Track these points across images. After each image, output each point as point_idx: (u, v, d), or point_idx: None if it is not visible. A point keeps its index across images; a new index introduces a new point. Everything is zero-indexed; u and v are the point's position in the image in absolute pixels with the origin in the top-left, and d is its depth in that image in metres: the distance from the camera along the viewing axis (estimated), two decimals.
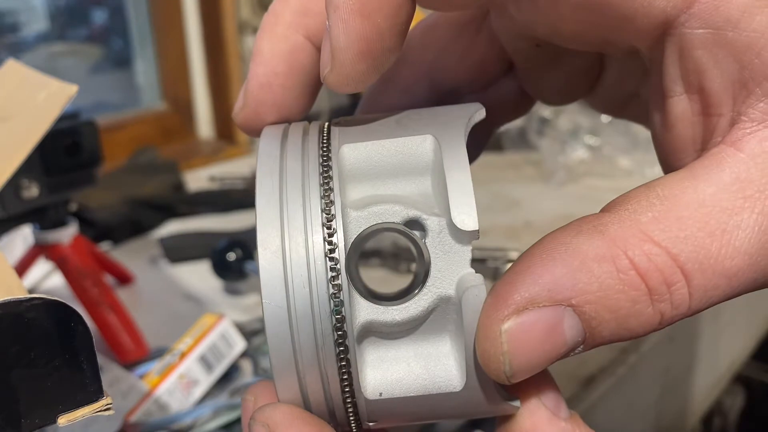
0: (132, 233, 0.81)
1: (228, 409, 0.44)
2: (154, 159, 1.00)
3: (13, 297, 0.21)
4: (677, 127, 0.21)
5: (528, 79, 0.27)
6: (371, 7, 0.20)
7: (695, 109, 0.20)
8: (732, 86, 0.19)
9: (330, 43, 0.20)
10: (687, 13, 0.19)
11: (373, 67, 0.20)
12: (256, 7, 1.15)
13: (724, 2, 0.18)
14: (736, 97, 0.19)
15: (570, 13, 0.21)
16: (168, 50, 1.16)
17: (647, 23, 0.19)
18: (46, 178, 0.53)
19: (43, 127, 0.33)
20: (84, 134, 0.55)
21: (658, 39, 0.20)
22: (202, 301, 0.65)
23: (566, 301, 0.18)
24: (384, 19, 0.20)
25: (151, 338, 0.56)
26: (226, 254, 0.64)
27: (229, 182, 0.96)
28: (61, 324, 0.22)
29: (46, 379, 0.22)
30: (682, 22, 0.19)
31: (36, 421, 0.22)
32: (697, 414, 0.90)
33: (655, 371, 0.72)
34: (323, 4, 0.21)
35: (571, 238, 0.18)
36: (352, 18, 0.19)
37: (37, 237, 0.56)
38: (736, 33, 0.18)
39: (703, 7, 0.18)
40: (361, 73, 0.20)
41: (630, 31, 0.20)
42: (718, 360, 0.94)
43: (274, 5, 0.24)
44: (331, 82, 0.20)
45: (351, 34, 0.19)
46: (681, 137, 0.21)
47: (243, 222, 0.80)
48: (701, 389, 0.90)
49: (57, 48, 1.14)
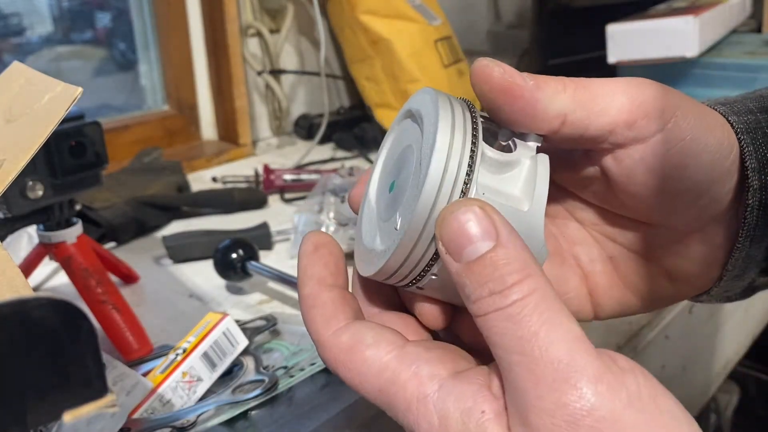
0: (136, 233, 0.82)
1: (231, 406, 0.45)
2: (158, 160, 1.00)
3: (19, 296, 0.22)
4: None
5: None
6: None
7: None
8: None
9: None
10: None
11: None
12: (258, 11, 1.15)
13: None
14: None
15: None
16: (172, 53, 1.16)
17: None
18: (50, 178, 0.53)
19: (48, 128, 0.34)
20: (89, 135, 0.55)
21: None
22: (205, 300, 0.66)
23: None
24: None
25: (155, 336, 0.56)
26: (229, 254, 0.65)
27: (231, 183, 0.97)
28: (67, 322, 0.22)
29: (52, 377, 0.22)
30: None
31: (41, 418, 0.22)
32: (692, 411, 0.90)
33: (651, 369, 0.72)
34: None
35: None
36: None
37: (42, 237, 0.57)
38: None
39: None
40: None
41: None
42: (713, 358, 0.94)
43: None
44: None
45: None
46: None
47: (246, 222, 0.80)
48: (696, 387, 0.90)
49: (62, 50, 1.15)
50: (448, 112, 0.25)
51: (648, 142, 0.28)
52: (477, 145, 0.25)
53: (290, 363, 0.50)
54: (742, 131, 0.30)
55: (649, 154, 0.28)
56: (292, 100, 1.24)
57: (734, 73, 1.09)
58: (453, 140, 0.25)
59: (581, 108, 0.27)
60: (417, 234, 0.25)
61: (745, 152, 0.30)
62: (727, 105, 0.32)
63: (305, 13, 1.19)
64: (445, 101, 0.26)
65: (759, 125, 0.31)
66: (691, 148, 0.28)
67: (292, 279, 0.61)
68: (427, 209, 0.24)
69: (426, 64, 1.11)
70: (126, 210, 0.81)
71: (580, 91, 0.27)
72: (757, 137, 0.30)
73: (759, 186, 0.30)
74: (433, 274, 0.26)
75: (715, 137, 0.29)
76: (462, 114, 0.26)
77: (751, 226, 0.31)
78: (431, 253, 0.25)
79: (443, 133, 0.25)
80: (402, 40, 1.10)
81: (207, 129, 1.18)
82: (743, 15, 1.30)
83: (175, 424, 0.43)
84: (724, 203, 0.31)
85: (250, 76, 1.17)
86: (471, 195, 0.25)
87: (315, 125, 1.18)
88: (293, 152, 1.14)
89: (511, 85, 0.26)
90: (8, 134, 0.35)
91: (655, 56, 1.06)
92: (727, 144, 0.29)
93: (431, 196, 0.24)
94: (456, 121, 0.25)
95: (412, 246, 0.25)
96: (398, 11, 1.11)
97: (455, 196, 0.24)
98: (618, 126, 0.27)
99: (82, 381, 0.23)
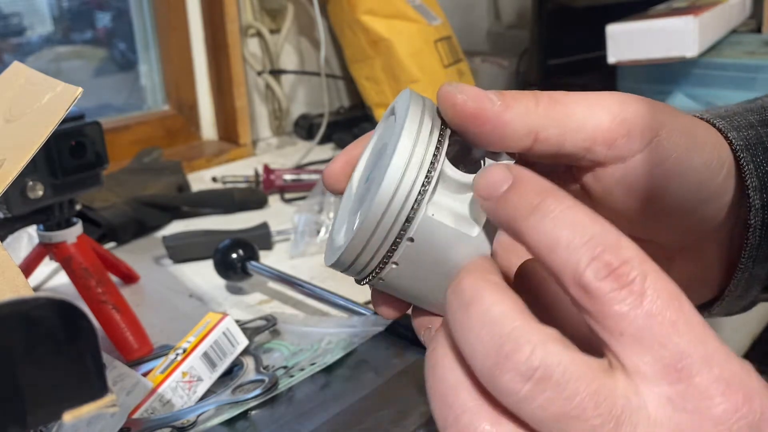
0: (136, 233, 0.82)
1: (231, 406, 0.45)
2: (158, 160, 1.00)
3: (19, 296, 0.22)
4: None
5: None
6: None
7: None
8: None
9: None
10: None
11: None
12: (258, 11, 1.16)
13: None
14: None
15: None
16: (172, 53, 1.16)
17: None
18: (51, 178, 0.53)
19: (48, 128, 0.34)
20: (89, 135, 0.55)
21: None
22: (205, 300, 0.66)
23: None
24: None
25: (155, 336, 0.56)
26: (229, 254, 0.65)
27: (231, 183, 0.97)
28: (67, 322, 0.22)
29: (52, 377, 0.22)
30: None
31: (41, 418, 0.22)
32: None
33: None
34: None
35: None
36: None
37: (42, 237, 0.57)
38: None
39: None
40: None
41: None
42: None
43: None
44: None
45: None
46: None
47: (246, 222, 0.81)
48: None
49: (62, 50, 1.15)
50: (415, 123, 0.26)
51: (629, 162, 0.27)
52: (438, 159, 0.25)
53: (290, 363, 0.50)
54: (742, 148, 0.29)
55: (630, 173, 0.27)
56: (292, 100, 1.24)
57: (734, 73, 1.09)
58: (414, 150, 0.25)
59: (554, 125, 0.26)
60: (369, 232, 0.26)
61: (745, 170, 0.29)
62: (726, 119, 0.30)
63: (305, 13, 1.19)
64: (417, 109, 0.26)
65: (760, 140, 0.29)
66: (675, 168, 0.27)
67: (292, 279, 0.61)
68: (379, 212, 0.25)
69: (426, 64, 1.11)
70: (126, 210, 0.81)
71: (554, 107, 0.26)
72: (757, 153, 0.29)
73: (761, 205, 0.29)
74: (394, 263, 0.26)
75: (702, 157, 0.28)
76: (431, 124, 0.26)
77: (753, 247, 0.30)
78: (388, 245, 0.26)
79: (405, 140, 0.25)
80: (402, 40, 1.10)
81: (207, 129, 1.18)
82: (743, 15, 1.30)
83: (175, 424, 0.43)
84: (715, 222, 0.30)
85: (250, 76, 1.17)
86: (423, 209, 0.25)
87: (315, 125, 1.18)
88: (293, 152, 1.14)
89: (475, 110, 0.26)
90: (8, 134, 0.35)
91: (655, 56, 1.06)
92: (716, 163, 0.28)
93: (385, 200, 0.25)
94: (422, 131, 0.26)
95: (364, 243, 0.26)
96: (398, 11, 1.11)
97: (408, 204, 0.25)
98: (596, 143, 0.27)
99: (82, 381, 0.23)
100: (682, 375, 0.20)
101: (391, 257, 0.26)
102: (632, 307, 0.21)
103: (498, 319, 0.22)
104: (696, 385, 0.20)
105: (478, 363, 0.22)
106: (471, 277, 0.23)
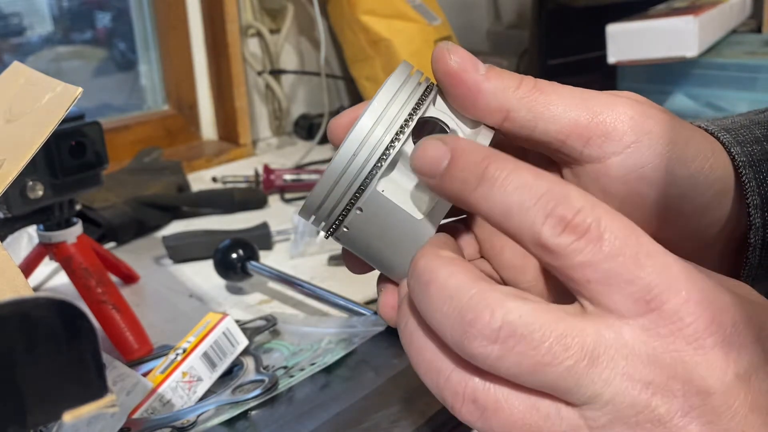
0: (136, 233, 0.82)
1: (231, 406, 0.45)
2: (158, 160, 1.00)
3: (19, 296, 0.22)
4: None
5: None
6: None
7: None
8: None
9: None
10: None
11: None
12: (258, 11, 1.16)
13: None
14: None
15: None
16: (172, 53, 1.16)
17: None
18: (50, 178, 0.53)
19: (48, 128, 0.34)
20: (89, 135, 0.55)
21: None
22: (205, 300, 0.66)
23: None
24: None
25: (155, 336, 0.56)
26: (229, 254, 0.65)
27: (231, 183, 0.97)
28: (67, 322, 0.22)
29: (52, 377, 0.22)
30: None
31: (41, 418, 0.22)
32: None
33: None
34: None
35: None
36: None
37: (42, 237, 0.57)
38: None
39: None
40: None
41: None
42: None
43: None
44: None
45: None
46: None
47: (246, 222, 0.81)
48: None
49: (62, 50, 1.15)
50: (383, 101, 0.27)
51: (605, 163, 0.27)
52: (399, 138, 0.27)
53: (290, 363, 0.50)
54: (745, 164, 0.28)
55: (603, 175, 0.27)
56: (292, 100, 1.24)
57: (734, 73, 1.09)
58: (374, 128, 0.27)
59: (527, 109, 0.27)
60: (326, 190, 0.27)
61: (747, 188, 0.28)
62: (732, 132, 0.30)
63: (305, 13, 1.19)
64: (392, 88, 0.27)
65: (765, 156, 0.29)
66: (652, 177, 0.27)
67: (292, 279, 0.61)
68: (333, 177, 0.27)
69: (426, 64, 1.09)
70: (126, 210, 0.81)
71: (532, 93, 0.27)
72: (761, 170, 0.28)
73: (762, 224, 0.28)
74: (345, 227, 0.28)
75: (688, 169, 0.27)
76: (403, 101, 0.27)
77: (753, 266, 0.29)
78: (339, 210, 0.27)
79: (367, 118, 0.27)
80: (402, 40, 1.10)
81: (207, 129, 1.18)
82: (743, 15, 1.30)
83: (175, 424, 0.43)
84: (704, 238, 0.29)
85: (250, 76, 1.17)
86: (374, 184, 0.27)
87: (315, 125, 1.18)
88: (293, 152, 1.14)
89: (457, 71, 0.27)
90: (8, 134, 0.35)
91: (655, 56, 1.06)
92: (703, 179, 0.28)
93: (339, 167, 0.27)
94: (389, 109, 0.27)
95: (320, 200, 0.27)
96: (398, 11, 1.11)
97: (360, 177, 0.27)
98: (570, 138, 0.27)
99: (82, 381, 0.23)
100: (653, 305, 0.21)
101: (342, 222, 0.28)
102: (594, 254, 0.22)
103: (455, 292, 0.23)
104: (666, 311, 0.21)
105: (448, 337, 0.23)
106: (424, 259, 0.25)
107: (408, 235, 0.27)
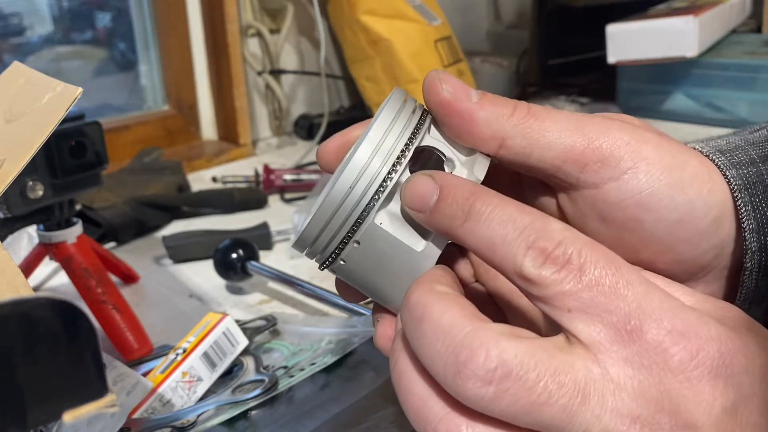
0: (136, 233, 0.82)
1: (231, 406, 0.45)
2: (158, 160, 1.00)
3: (19, 296, 0.22)
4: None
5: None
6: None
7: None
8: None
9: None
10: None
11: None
12: (258, 11, 1.16)
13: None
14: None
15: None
16: (172, 53, 1.16)
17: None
18: (51, 178, 0.53)
19: (48, 128, 0.34)
20: (89, 135, 0.55)
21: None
22: (205, 300, 0.66)
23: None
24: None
25: (155, 336, 0.56)
26: (229, 254, 0.65)
27: (231, 183, 0.97)
28: (67, 322, 0.22)
29: (52, 377, 0.22)
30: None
31: (41, 418, 0.22)
32: None
33: None
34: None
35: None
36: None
37: (42, 237, 0.57)
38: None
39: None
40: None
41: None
42: None
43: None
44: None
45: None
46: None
47: (246, 222, 0.81)
48: None
49: (62, 50, 1.15)
50: (379, 132, 0.26)
51: (600, 189, 0.27)
52: (396, 170, 0.26)
53: (290, 363, 0.50)
54: (741, 187, 0.28)
55: (600, 200, 0.27)
56: (292, 100, 1.24)
57: (734, 73, 1.09)
58: (371, 161, 0.26)
59: (522, 136, 0.27)
60: (320, 226, 0.27)
61: (743, 212, 0.28)
62: (727, 154, 0.29)
63: (305, 13, 1.19)
64: (392, 108, 0.27)
65: (760, 178, 0.28)
66: (650, 203, 0.27)
67: (292, 279, 0.61)
68: (329, 211, 0.26)
69: (426, 64, 1.11)
70: (126, 210, 0.81)
71: (527, 120, 0.27)
72: (757, 193, 0.28)
73: (758, 248, 0.28)
74: (341, 260, 0.27)
75: (686, 194, 0.27)
76: (398, 133, 0.27)
77: (750, 290, 0.29)
78: (336, 243, 0.27)
79: (365, 149, 0.26)
80: (402, 40, 1.10)
81: (207, 129, 1.18)
82: (743, 15, 1.30)
83: (175, 424, 0.43)
84: (699, 263, 0.29)
85: (250, 76, 1.17)
86: (371, 216, 0.26)
87: (315, 125, 1.18)
88: (293, 152, 1.14)
89: (450, 100, 0.27)
90: (8, 134, 0.35)
91: (655, 56, 1.06)
92: (701, 204, 0.27)
93: (336, 200, 0.26)
94: (386, 140, 0.26)
95: (315, 234, 0.27)
96: (398, 11, 1.11)
97: (357, 211, 0.26)
98: (566, 164, 0.27)
99: (82, 381, 0.23)
100: (633, 335, 0.21)
101: (339, 255, 0.27)
102: (574, 284, 0.22)
103: (449, 330, 0.23)
104: (649, 342, 0.21)
105: (440, 375, 0.23)
106: (418, 292, 0.24)
107: (406, 267, 0.27)
